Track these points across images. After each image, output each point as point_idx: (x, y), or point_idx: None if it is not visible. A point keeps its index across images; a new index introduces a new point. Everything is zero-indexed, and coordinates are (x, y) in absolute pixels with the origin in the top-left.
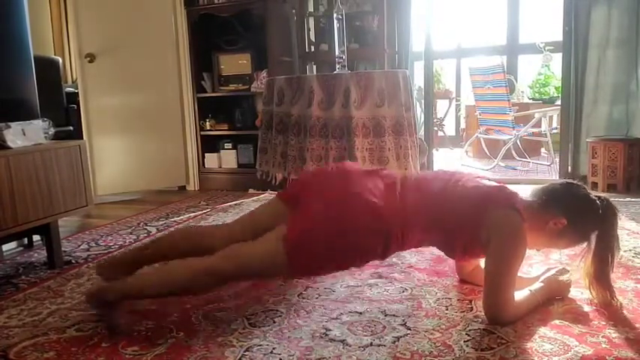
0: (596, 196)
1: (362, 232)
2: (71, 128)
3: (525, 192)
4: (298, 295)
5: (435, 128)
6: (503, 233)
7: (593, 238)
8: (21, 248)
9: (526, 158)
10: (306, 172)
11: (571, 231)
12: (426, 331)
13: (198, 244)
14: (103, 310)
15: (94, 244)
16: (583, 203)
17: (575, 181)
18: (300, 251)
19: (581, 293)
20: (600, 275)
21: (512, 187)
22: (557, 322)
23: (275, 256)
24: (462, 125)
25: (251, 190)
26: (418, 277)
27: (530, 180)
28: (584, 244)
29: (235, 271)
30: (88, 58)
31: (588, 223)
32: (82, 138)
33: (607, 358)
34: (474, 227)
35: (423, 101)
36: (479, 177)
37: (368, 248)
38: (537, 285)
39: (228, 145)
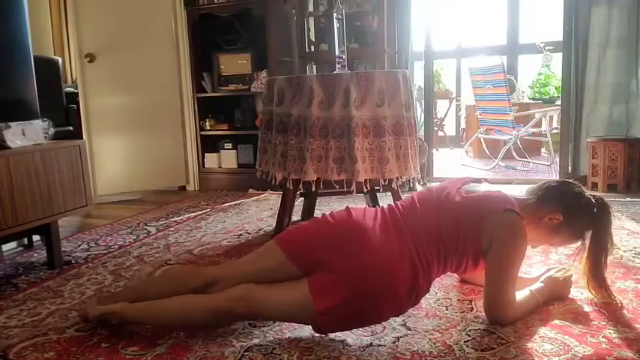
0: (591, 195)
1: (389, 289)
2: (71, 128)
3: (521, 191)
4: None
5: (435, 128)
6: (505, 234)
7: (588, 236)
8: (21, 248)
9: (526, 158)
10: (303, 227)
11: (566, 228)
12: (426, 331)
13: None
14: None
15: (93, 244)
16: (578, 201)
17: (570, 180)
18: (331, 319)
19: (581, 293)
20: (595, 273)
21: (511, 188)
22: (557, 322)
23: (305, 310)
24: (462, 125)
25: (251, 190)
26: None
27: (530, 180)
28: (579, 243)
29: (248, 314)
30: (88, 58)
31: (583, 221)
32: (81, 138)
33: (607, 358)
34: (475, 237)
35: (423, 101)
36: (464, 183)
37: (398, 300)
38: (538, 285)
39: (228, 145)
